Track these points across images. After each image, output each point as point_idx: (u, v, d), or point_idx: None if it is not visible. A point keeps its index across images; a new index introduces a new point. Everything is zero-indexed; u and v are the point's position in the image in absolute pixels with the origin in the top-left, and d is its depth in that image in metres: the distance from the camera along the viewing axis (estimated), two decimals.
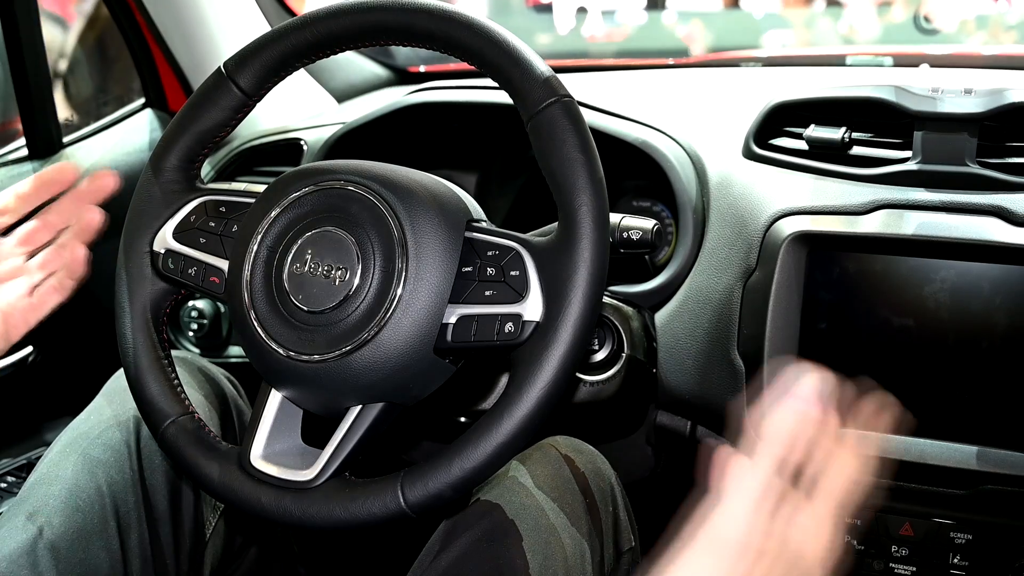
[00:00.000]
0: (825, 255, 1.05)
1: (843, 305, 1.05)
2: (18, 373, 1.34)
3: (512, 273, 0.80)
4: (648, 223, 1.00)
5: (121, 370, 0.97)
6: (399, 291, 0.80)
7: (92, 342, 1.35)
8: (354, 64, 1.83)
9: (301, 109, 1.68)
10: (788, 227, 1.05)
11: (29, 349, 1.37)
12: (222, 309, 1.43)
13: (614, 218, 1.00)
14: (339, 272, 0.81)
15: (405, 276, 0.80)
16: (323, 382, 0.82)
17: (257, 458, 0.85)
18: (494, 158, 1.50)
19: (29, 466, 1.36)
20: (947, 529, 1.06)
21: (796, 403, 0.73)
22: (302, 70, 1.18)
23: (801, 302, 1.06)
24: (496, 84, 0.83)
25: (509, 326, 0.78)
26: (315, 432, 0.89)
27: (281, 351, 0.83)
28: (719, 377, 1.11)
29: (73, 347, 1.44)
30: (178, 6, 1.56)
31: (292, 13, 1.76)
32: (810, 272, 1.06)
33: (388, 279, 0.80)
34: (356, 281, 0.81)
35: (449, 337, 0.80)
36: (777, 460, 0.71)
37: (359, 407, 0.83)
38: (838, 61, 1.60)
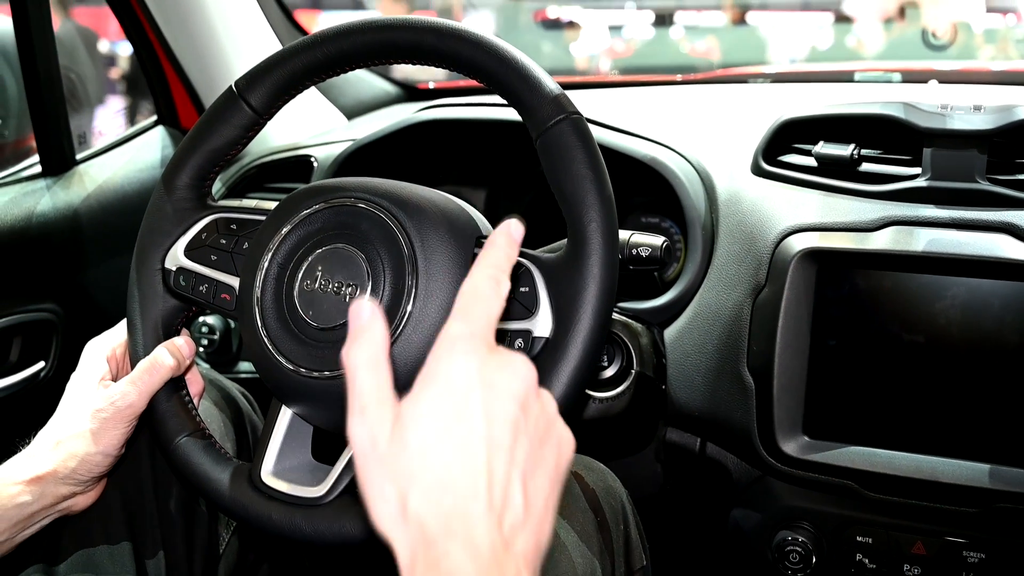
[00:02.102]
0: (835, 272, 1.05)
1: (853, 322, 1.04)
2: (30, 388, 1.35)
3: (522, 289, 0.80)
4: (657, 240, 1.00)
5: None
6: (409, 308, 0.80)
7: None
8: (364, 81, 1.84)
9: (311, 126, 1.69)
10: (797, 244, 1.05)
11: (41, 364, 1.37)
12: (232, 324, 1.44)
13: (623, 235, 1.00)
14: (349, 289, 0.82)
15: (415, 293, 0.80)
16: (333, 398, 0.82)
17: (267, 474, 0.85)
18: (503, 175, 1.50)
19: None
20: (960, 548, 1.06)
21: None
22: (312, 87, 1.19)
23: (811, 319, 1.06)
24: (505, 101, 0.84)
25: (519, 342, 0.78)
26: (325, 448, 0.89)
27: (291, 367, 0.83)
28: (729, 393, 1.11)
29: None
30: (191, 25, 1.57)
31: (303, 32, 1.77)
32: (820, 289, 1.05)
33: (398, 296, 0.81)
34: (366, 298, 0.81)
35: None
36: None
37: None
38: (846, 77, 1.60)
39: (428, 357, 0.56)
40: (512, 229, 0.61)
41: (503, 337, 0.79)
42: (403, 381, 0.79)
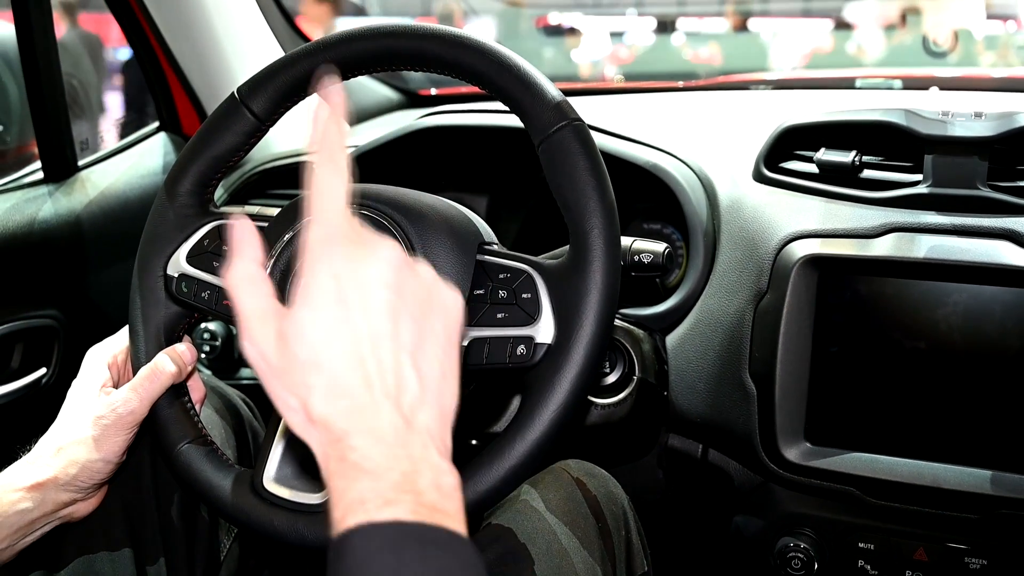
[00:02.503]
0: (836, 278, 1.05)
1: (855, 328, 1.04)
2: (31, 394, 1.35)
3: (524, 296, 0.80)
4: (659, 246, 1.00)
5: None
6: None
7: None
8: (366, 87, 1.84)
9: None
10: (799, 250, 1.05)
11: (42, 371, 1.38)
12: (234, 331, 1.44)
13: (625, 241, 1.01)
14: None
15: None
16: None
17: (269, 481, 0.85)
18: (505, 181, 1.50)
19: None
20: (961, 554, 1.05)
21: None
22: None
23: (812, 325, 1.06)
24: (507, 108, 0.84)
25: (521, 348, 0.78)
26: None
27: None
28: (730, 400, 1.11)
29: None
30: (193, 31, 1.57)
31: (305, 39, 1.77)
32: (821, 295, 1.06)
33: None
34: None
35: (461, 359, 0.81)
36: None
37: None
38: (848, 84, 1.61)
39: (298, 269, 0.58)
40: (330, 98, 0.61)
41: (505, 344, 0.79)
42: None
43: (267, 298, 0.58)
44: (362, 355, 0.55)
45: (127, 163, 1.59)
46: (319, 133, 0.60)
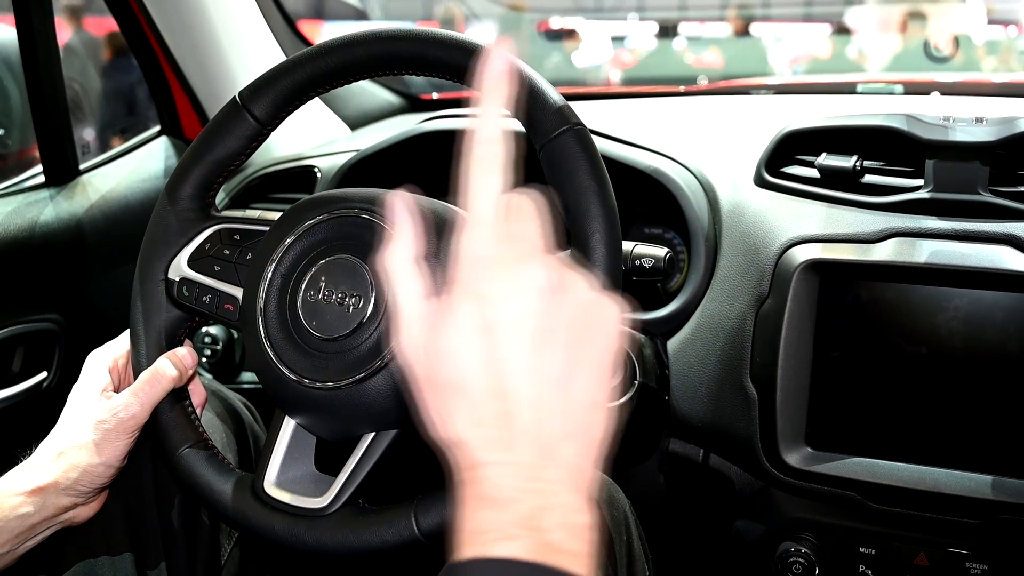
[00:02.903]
0: (837, 283, 1.05)
1: (856, 333, 1.04)
2: (32, 398, 1.35)
3: None
4: (661, 251, 1.00)
5: None
6: None
7: None
8: (367, 92, 1.84)
9: (315, 136, 1.69)
10: (800, 255, 1.05)
11: (43, 375, 1.38)
12: (235, 335, 1.44)
13: (627, 246, 1.01)
14: (353, 299, 0.82)
15: None
16: (336, 409, 0.82)
17: (270, 485, 0.85)
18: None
19: None
20: (962, 559, 1.05)
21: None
22: (315, 98, 1.20)
23: (814, 330, 1.06)
24: (508, 112, 0.84)
25: None
26: (328, 459, 0.89)
27: (294, 378, 0.83)
28: (731, 404, 1.11)
29: None
30: (195, 35, 1.58)
31: (307, 43, 1.77)
32: (822, 300, 1.05)
33: None
34: (370, 308, 0.81)
35: None
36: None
37: (372, 434, 0.83)
38: (849, 89, 1.61)
39: (449, 282, 0.55)
40: (492, 90, 0.59)
41: None
42: (404, 391, 0.80)
43: (422, 295, 0.56)
44: (503, 389, 0.53)
45: (128, 167, 1.59)
46: (478, 126, 0.57)
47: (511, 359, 0.53)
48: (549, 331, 0.53)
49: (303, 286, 0.84)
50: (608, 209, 0.78)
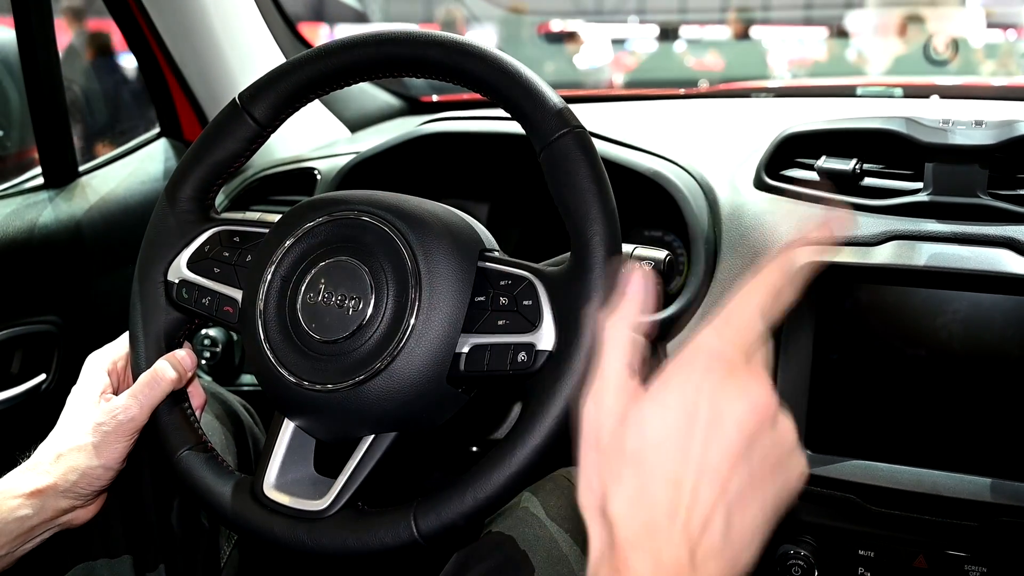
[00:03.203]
0: (837, 286, 1.05)
1: (855, 336, 1.04)
2: (31, 400, 1.35)
3: (525, 303, 0.80)
4: (660, 253, 1.00)
5: None
6: (412, 321, 0.80)
7: None
8: (367, 94, 1.84)
9: (314, 138, 1.70)
10: (800, 258, 1.05)
11: (42, 377, 1.37)
12: (235, 337, 1.44)
13: (626, 248, 1.00)
14: (352, 302, 0.82)
15: (418, 306, 0.80)
16: (335, 411, 0.82)
17: (270, 487, 0.85)
18: (506, 188, 1.51)
19: None
20: (961, 561, 1.05)
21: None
22: (315, 100, 1.20)
23: (813, 333, 1.06)
24: (509, 115, 0.84)
25: (522, 355, 0.78)
26: (328, 461, 0.89)
27: (294, 380, 0.83)
28: None
29: None
30: (195, 37, 1.58)
31: (307, 45, 1.78)
32: (822, 303, 1.05)
33: (401, 309, 0.81)
34: (369, 311, 0.81)
35: (462, 366, 0.81)
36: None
37: (372, 437, 0.83)
38: (849, 92, 1.61)
39: (672, 361, 0.55)
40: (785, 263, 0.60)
41: (506, 351, 0.79)
42: (407, 393, 0.80)
43: (630, 371, 0.56)
44: (682, 481, 0.52)
45: (128, 169, 1.59)
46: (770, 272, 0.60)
47: (703, 456, 0.52)
48: (746, 450, 0.53)
49: (303, 288, 0.84)
50: (608, 212, 0.78)
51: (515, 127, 0.85)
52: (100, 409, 0.89)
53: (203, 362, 1.43)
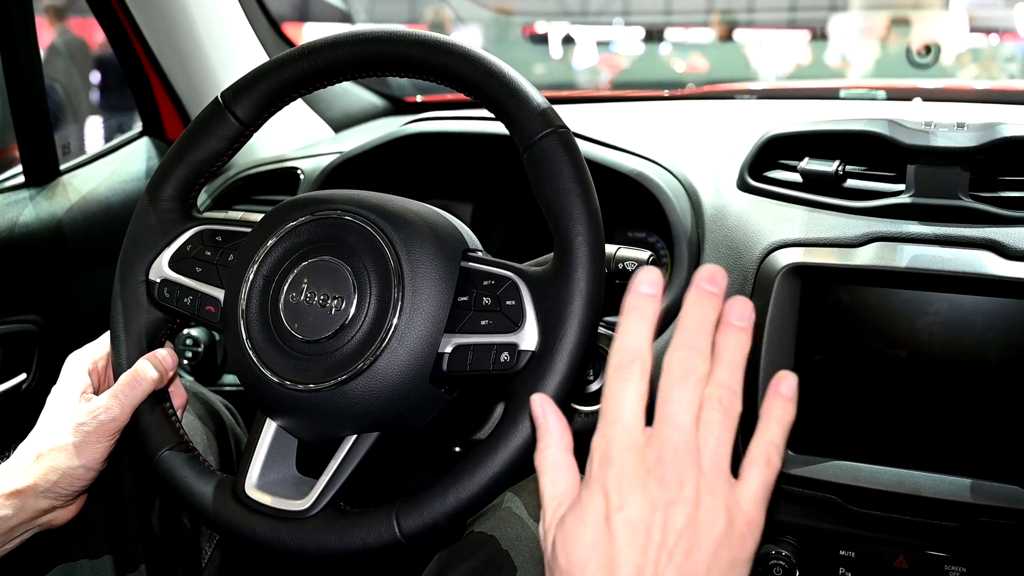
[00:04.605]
0: (819, 287, 1.05)
1: (837, 337, 1.05)
2: (11, 400, 1.34)
3: (508, 303, 0.80)
4: (643, 254, 1.01)
5: None
6: (395, 320, 0.80)
7: None
8: (351, 94, 1.84)
9: (298, 138, 1.69)
10: (782, 259, 1.05)
11: (22, 376, 1.37)
12: (217, 337, 1.43)
13: (609, 249, 1.01)
14: (335, 301, 0.82)
15: (401, 306, 0.80)
16: (318, 411, 0.82)
17: (252, 487, 0.85)
18: (490, 188, 1.50)
19: None
20: (941, 561, 1.06)
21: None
22: (299, 99, 1.19)
23: (795, 334, 1.06)
24: (492, 115, 0.84)
25: (505, 355, 0.78)
26: (310, 461, 0.89)
27: (276, 380, 0.82)
28: None
29: None
30: (177, 36, 1.57)
31: (290, 44, 1.77)
32: (804, 304, 1.06)
33: (384, 308, 0.81)
34: (352, 310, 0.81)
35: (445, 366, 0.80)
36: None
37: (354, 437, 0.83)
38: (832, 94, 1.61)
39: (587, 475, 0.59)
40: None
41: (489, 351, 0.79)
42: (389, 393, 0.80)
43: (569, 484, 0.61)
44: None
45: (110, 167, 1.58)
46: (621, 334, 0.60)
47: (620, 555, 0.55)
48: (665, 541, 0.56)
49: (285, 288, 0.84)
50: (591, 212, 0.78)
51: (499, 127, 0.85)
52: (81, 409, 0.88)
53: (185, 362, 1.43)
